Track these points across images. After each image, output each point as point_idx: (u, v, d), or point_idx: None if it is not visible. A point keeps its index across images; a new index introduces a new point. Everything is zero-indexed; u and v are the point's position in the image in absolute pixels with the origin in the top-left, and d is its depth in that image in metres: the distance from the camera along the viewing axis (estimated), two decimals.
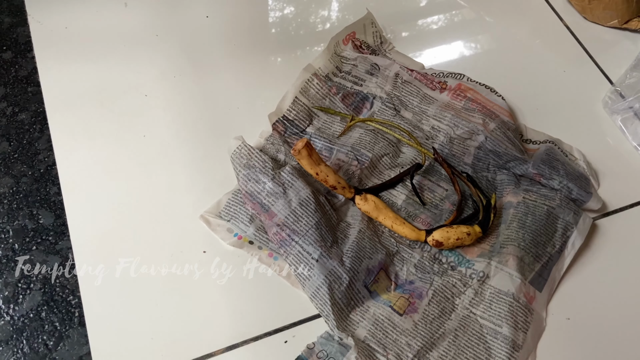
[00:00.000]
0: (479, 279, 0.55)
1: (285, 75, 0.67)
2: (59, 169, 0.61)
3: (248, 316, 0.54)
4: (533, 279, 0.55)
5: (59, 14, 0.72)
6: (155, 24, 0.72)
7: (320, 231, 0.55)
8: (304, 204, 0.55)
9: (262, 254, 0.56)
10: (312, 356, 0.51)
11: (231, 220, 0.57)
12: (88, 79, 0.67)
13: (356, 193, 0.58)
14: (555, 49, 0.74)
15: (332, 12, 0.77)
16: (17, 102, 0.67)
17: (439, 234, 0.56)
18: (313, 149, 0.56)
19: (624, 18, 0.75)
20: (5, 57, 0.70)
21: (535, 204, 0.58)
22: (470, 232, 0.56)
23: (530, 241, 0.56)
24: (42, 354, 0.52)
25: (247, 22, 0.74)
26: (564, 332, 0.54)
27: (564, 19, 0.77)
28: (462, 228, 0.56)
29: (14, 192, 0.61)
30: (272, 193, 0.56)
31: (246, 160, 0.58)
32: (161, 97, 0.67)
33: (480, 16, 0.77)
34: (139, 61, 0.69)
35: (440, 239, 0.55)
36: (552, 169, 0.60)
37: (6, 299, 0.55)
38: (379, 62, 0.68)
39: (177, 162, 0.62)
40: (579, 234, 0.57)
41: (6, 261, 0.57)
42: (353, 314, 0.53)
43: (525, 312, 0.53)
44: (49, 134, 0.63)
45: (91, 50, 0.69)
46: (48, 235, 0.58)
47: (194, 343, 0.52)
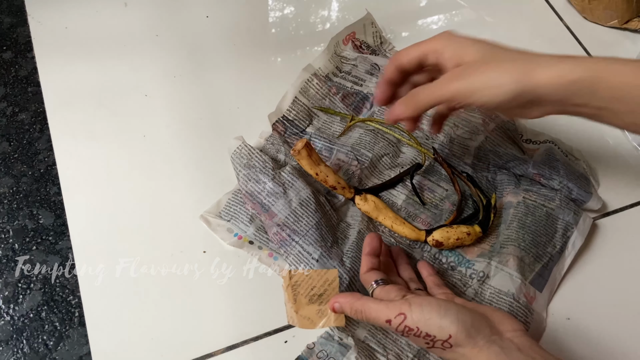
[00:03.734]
0: (479, 279, 0.55)
1: (285, 75, 0.67)
2: (59, 169, 0.61)
3: (248, 316, 0.54)
4: (533, 279, 0.55)
5: (59, 14, 0.72)
6: (156, 24, 0.72)
7: (320, 231, 0.55)
8: (304, 204, 0.55)
9: (262, 254, 0.56)
10: (312, 356, 0.51)
11: (231, 220, 0.57)
12: (88, 79, 0.67)
13: (356, 193, 0.58)
14: (555, 49, 0.73)
15: (332, 12, 0.77)
16: (17, 102, 0.67)
17: (439, 234, 0.56)
18: (313, 149, 0.55)
19: (624, 18, 0.75)
20: (5, 57, 0.70)
21: (535, 204, 0.58)
22: (470, 232, 0.56)
23: (531, 241, 0.56)
24: (42, 354, 0.52)
25: (247, 22, 0.74)
26: (564, 333, 0.54)
27: (564, 19, 0.77)
28: (462, 228, 0.56)
29: (14, 192, 0.61)
30: (272, 193, 0.56)
31: (246, 160, 0.58)
32: (161, 97, 0.67)
33: (480, 16, 0.77)
34: (139, 61, 0.69)
35: (440, 239, 0.55)
36: (552, 169, 0.60)
37: (6, 299, 0.55)
38: (379, 62, 0.68)
39: (177, 162, 0.62)
40: (580, 234, 0.57)
41: (6, 261, 0.57)
42: None
43: (526, 312, 0.53)
44: (49, 134, 0.63)
45: (91, 50, 0.69)
46: (48, 235, 0.58)
47: (194, 343, 0.52)
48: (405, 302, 0.43)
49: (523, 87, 0.41)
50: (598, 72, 0.40)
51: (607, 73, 0.40)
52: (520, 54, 0.43)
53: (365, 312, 0.45)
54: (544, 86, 0.41)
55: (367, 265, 0.50)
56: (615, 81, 0.40)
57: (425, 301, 0.43)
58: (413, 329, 0.42)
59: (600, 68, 0.40)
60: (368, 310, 0.44)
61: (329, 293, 0.49)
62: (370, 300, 0.45)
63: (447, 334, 0.41)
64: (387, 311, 0.43)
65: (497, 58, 0.42)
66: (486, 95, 0.42)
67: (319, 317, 0.48)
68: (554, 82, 0.41)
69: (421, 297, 0.43)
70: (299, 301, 0.49)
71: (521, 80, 0.41)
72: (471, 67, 0.42)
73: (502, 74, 0.41)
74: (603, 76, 0.40)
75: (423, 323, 0.42)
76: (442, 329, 0.41)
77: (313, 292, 0.49)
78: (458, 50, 0.44)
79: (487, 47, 0.43)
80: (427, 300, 0.43)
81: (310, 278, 0.49)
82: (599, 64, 0.41)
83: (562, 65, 0.41)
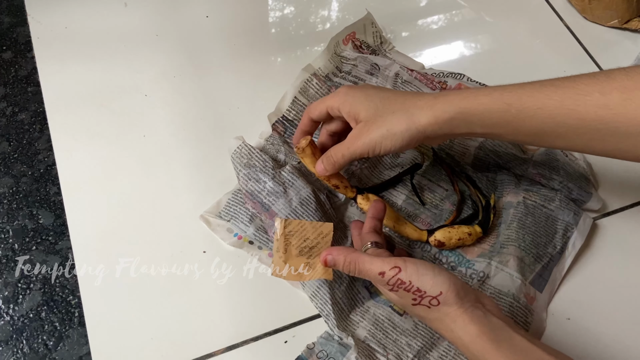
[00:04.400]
0: (479, 279, 0.55)
1: (285, 75, 0.67)
2: (59, 169, 0.61)
3: (248, 316, 0.54)
4: (533, 279, 0.55)
5: (59, 14, 0.72)
6: (155, 24, 0.72)
7: None
8: (304, 203, 0.55)
9: (262, 254, 0.56)
10: (312, 356, 0.51)
11: (231, 220, 0.57)
12: (88, 78, 0.67)
13: (358, 192, 0.58)
14: (555, 49, 0.74)
15: (332, 12, 0.77)
16: (17, 102, 0.67)
17: (441, 234, 0.56)
18: (316, 147, 0.55)
19: (624, 18, 0.75)
20: (5, 57, 0.70)
21: (535, 205, 0.58)
22: (471, 232, 0.56)
23: (531, 242, 0.56)
24: (42, 354, 0.52)
25: (247, 22, 0.74)
26: (564, 333, 0.54)
27: (564, 19, 0.77)
28: (464, 228, 0.56)
29: (14, 192, 0.61)
30: (272, 192, 0.56)
31: (247, 159, 0.58)
32: (161, 97, 0.67)
33: (480, 16, 0.77)
34: (139, 61, 0.69)
35: (443, 239, 0.55)
36: (552, 169, 0.60)
37: (6, 299, 0.55)
38: (379, 62, 0.68)
39: (177, 162, 0.62)
40: (580, 235, 0.57)
41: (6, 261, 0.57)
42: (353, 314, 0.53)
43: (526, 312, 0.53)
44: (49, 134, 0.63)
45: (91, 50, 0.69)
46: (48, 235, 0.58)
47: (194, 343, 0.52)
48: (400, 259, 0.45)
49: (413, 132, 0.48)
50: (466, 107, 0.47)
51: (473, 105, 0.46)
52: (405, 101, 0.49)
53: (359, 264, 0.46)
54: (427, 127, 0.48)
55: (370, 226, 0.51)
56: (480, 110, 0.46)
57: (419, 261, 0.45)
58: (405, 283, 0.44)
59: (466, 103, 0.47)
60: (362, 262, 0.46)
61: (321, 246, 0.49)
62: (364, 254, 0.47)
63: (439, 290, 0.43)
64: (381, 264, 0.45)
65: (388, 110, 0.49)
66: (388, 145, 0.49)
67: (307, 270, 0.48)
68: (433, 122, 0.47)
69: (411, 258, 0.46)
70: (289, 251, 0.48)
71: (410, 127, 0.48)
72: (368, 124, 0.50)
73: (394, 125, 0.48)
74: (470, 108, 0.46)
75: (416, 278, 0.44)
76: (434, 285, 0.43)
77: (305, 244, 0.48)
78: (353, 108, 0.50)
79: (377, 102, 0.50)
80: (421, 261, 0.45)
81: (304, 229, 0.48)
82: (467, 99, 0.47)
83: (436, 107, 0.47)
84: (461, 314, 0.43)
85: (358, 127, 0.50)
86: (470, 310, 0.43)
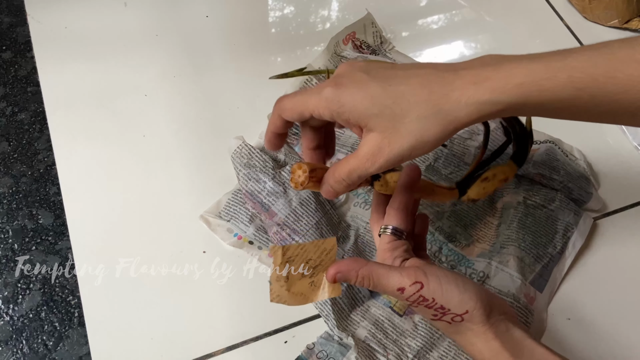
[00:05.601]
0: (479, 279, 0.54)
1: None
2: (59, 169, 0.61)
3: (248, 316, 0.54)
4: (533, 279, 0.55)
5: (59, 14, 0.72)
6: (155, 23, 0.72)
7: (320, 230, 0.55)
8: (304, 203, 0.55)
9: (262, 254, 0.56)
10: (312, 356, 0.51)
11: (231, 220, 0.57)
12: (88, 79, 0.67)
13: (374, 179, 0.49)
14: (555, 49, 0.74)
15: (332, 12, 0.77)
16: (16, 102, 0.67)
17: (475, 192, 0.49)
18: (313, 166, 0.44)
19: (625, 18, 0.75)
20: (5, 57, 0.70)
21: (535, 205, 0.58)
22: (507, 177, 0.49)
23: (531, 242, 0.56)
24: (41, 354, 0.52)
25: (247, 22, 0.74)
26: (564, 333, 0.54)
27: (564, 19, 0.77)
28: (499, 175, 0.49)
29: (14, 192, 0.61)
30: (272, 192, 0.56)
31: (247, 159, 0.58)
32: (161, 97, 0.66)
33: (480, 16, 0.77)
34: (139, 61, 0.69)
35: (477, 197, 0.50)
36: (552, 169, 0.60)
37: (6, 299, 0.55)
38: None
39: (177, 162, 0.62)
40: (580, 235, 0.57)
41: (6, 261, 0.57)
42: (353, 314, 0.53)
43: (526, 312, 0.53)
44: (49, 134, 0.63)
45: (91, 50, 0.69)
46: (48, 235, 0.58)
47: (194, 343, 0.52)
48: (419, 271, 0.40)
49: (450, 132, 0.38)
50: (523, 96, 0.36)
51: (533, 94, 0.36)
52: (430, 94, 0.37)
53: (374, 279, 0.41)
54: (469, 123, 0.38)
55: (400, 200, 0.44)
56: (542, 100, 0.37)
57: (441, 273, 0.40)
58: (428, 300, 0.40)
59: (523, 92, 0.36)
60: (377, 277, 0.40)
61: (326, 263, 0.43)
62: (378, 266, 0.41)
63: (465, 309, 0.39)
64: (400, 278, 0.40)
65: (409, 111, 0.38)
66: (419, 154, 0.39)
67: (313, 290, 0.43)
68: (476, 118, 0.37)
69: (432, 267, 0.41)
70: (291, 279, 0.43)
71: (446, 128, 0.37)
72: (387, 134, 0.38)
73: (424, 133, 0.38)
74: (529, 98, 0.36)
75: (440, 294, 0.39)
76: (461, 302, 0.39)
77: (308, 265, 0.43)
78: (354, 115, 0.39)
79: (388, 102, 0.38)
80: (444, 272, 0.40)
81: (305, 251, 0.43)
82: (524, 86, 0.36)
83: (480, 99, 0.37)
84: (486, 331, 0.40)
85: (372, 139, 0.39)
86: (495, 325, 0.40)
